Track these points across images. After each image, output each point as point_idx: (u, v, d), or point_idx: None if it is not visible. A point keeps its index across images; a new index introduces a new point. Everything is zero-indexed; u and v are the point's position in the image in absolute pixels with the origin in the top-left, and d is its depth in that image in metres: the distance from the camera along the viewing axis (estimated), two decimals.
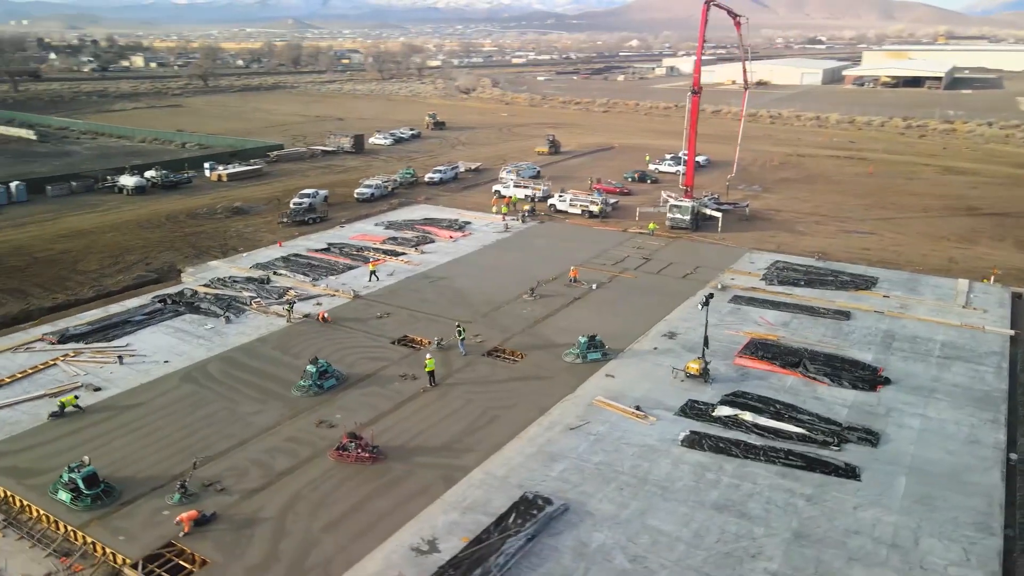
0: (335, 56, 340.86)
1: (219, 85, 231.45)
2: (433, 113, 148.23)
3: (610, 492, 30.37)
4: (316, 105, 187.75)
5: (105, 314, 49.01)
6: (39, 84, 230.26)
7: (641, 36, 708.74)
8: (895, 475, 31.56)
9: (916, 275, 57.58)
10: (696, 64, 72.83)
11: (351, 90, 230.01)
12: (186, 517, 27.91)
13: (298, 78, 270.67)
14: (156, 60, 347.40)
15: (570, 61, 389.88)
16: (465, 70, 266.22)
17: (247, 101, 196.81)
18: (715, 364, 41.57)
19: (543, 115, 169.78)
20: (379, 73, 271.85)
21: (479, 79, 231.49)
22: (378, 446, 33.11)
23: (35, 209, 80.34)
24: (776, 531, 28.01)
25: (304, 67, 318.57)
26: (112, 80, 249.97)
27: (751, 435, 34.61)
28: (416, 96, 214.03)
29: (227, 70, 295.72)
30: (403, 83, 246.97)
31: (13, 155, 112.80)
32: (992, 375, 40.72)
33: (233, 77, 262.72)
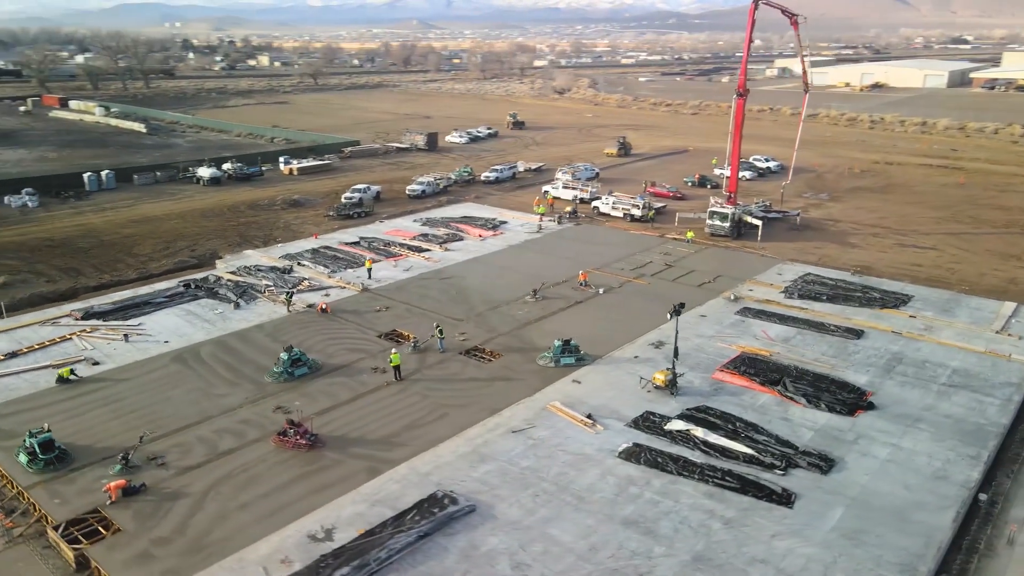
0: (444, 56, 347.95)
1: (328, 83, 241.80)
2: (514, 113, 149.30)
3: (524, 498, 30.10)
4: (411, 103, 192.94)
5: (132, 294, 52.62)
6: (170, 81, 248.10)
7: (765, 36, 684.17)
8: (833, 506, 29.64)
9: (959, 295, 53.33)
10: (742, 65, 70.14)
11: (449, 89, 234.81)
12: (113, 486, 29.89)
13: (403, 77, 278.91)
14: (280, 59, 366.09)
15: (681, 62, 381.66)
16: (567, 70, 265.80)
17: (348, 99, 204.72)
18: (691, 377, 40.30)
19: (629, 116, 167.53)
20: (481, 73, 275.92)
21: (576, 80, 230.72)
22: (316, 434, 34.17)
23: (119, 196, 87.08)
24: (676, 552, 26.97)
25: (414, 67, 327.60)
26: (235, 78, 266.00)
27: (696, 452, 33.33)
28: (510, 96, 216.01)
29: (341, 69, 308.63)
30: (503, 83, 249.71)
31: (121, 146, 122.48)
32: (996, 408, 37.31)
33: (344, 76, 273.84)
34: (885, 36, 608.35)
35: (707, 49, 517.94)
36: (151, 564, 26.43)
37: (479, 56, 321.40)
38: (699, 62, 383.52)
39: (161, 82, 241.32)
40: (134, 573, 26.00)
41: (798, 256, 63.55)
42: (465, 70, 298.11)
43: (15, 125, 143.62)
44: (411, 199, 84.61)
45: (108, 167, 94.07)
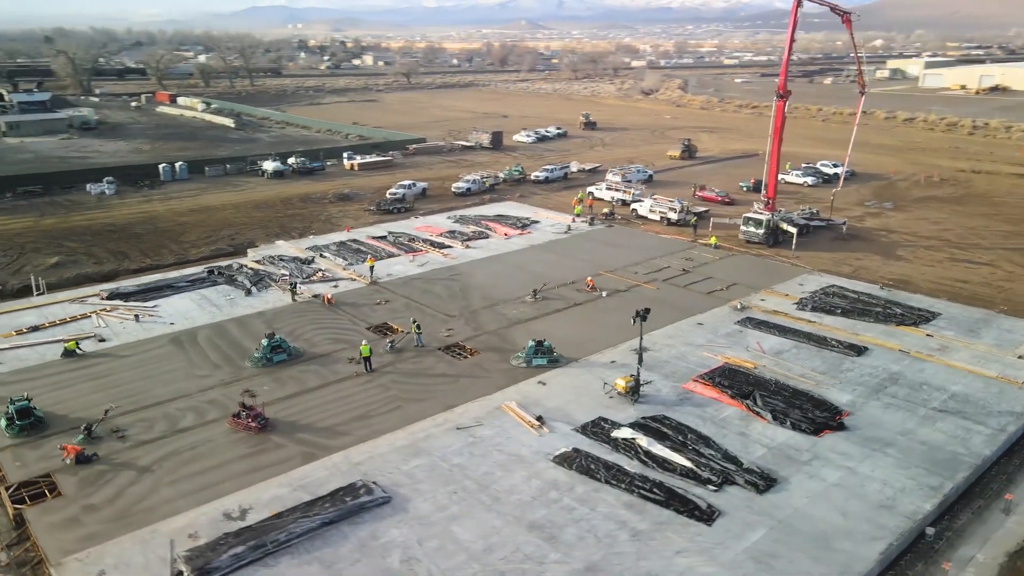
0: (542, 57, 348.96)
1: (420, 83, 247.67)
2: (586, 113, 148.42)
3: (441, 494, 30.28)
4: (493, 103, 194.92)
5: (160, 278, 55.96)
6: (275, 80, 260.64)
7: (889, 35, 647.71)
8: (755, 527, 28.29)
9: (993, 315, 49.43)
10: (783, 65, 67.12)
11: (537, 89, 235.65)
12: (70, 447, 32.16)
13: (496, 77, 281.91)
14: (383, 59, 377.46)
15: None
16: (659, 71, 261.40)
17: (435, 97, 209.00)
18: (661, 385, 39.32)
19: (709, 118, 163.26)
20: (573, 73, 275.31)
21: (665, 81, 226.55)
22: (267, 418, 35.47)
23: (188, 186, 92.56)
24: (571, 560, 26.51)
25: (510, 67, 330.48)
26: (337, 77, 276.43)
27: (635, 461, 32.52)
28: (595, 96, 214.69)
29: (439, 69, 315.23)
30: (593, 83, 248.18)
31: (209, 139, 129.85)
32: (982, 437, 34.48)
33: (438, 75, 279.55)
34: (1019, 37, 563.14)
35: (821, 49, 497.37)
36: (75, 528, 28.26)
37: (572, 56, 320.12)
38: (807, 63, 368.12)
39: (267, 80, 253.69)
40: (56, 535, 27.86)
41: (832, 267, 60.45)
42: (558, 70, 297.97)
43: (123, 119, 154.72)
44: (456, 196, 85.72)
45: (193, 159, 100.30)
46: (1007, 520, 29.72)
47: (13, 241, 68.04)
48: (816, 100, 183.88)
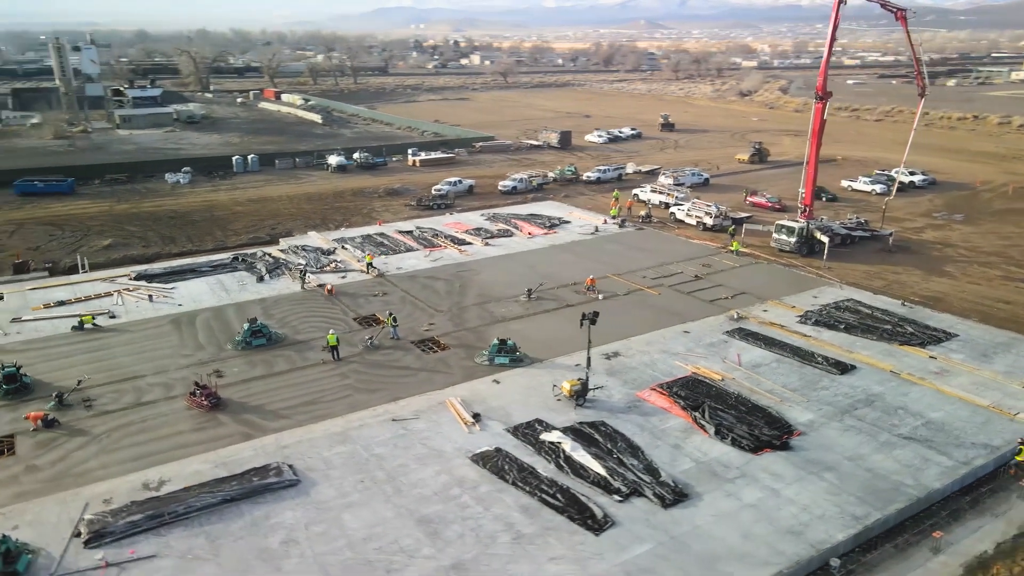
0: (646, 57, 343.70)
1: (517, 82, 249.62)
2: (665, 114, 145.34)
3: (349, 481, 31.02)
4: (582, 103, 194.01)
5: (189, 262, 59.57)
6: (380, 78, 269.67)
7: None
8: (644, 540, 27.46)
9: (1019, 339, 45.27)
10: (823, 65, 63.49)
11: (632, 89, 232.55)
12: (33, 415, 35.10)
13: (596, 77, 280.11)
14: (491, 59, 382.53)
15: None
16: (763, 72, 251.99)
17: (526, 97, 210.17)
18: (616, 391, 38.63)
19: (800, 121, 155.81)
20: (674, 73, 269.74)
21: (766, 82, 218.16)
22: (220, 398, 37.33)
23: (256, 178, 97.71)
24: (441, 557, 26.65)
25: (614, 66, 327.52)
26: (439, 76, 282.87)
27: (552, 465, 32.15)
28: (688, 97, 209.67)
29: (542, 68, 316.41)
30: (693, 84, 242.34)
31: (295, 133, 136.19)
32: (940, 470, 31.87)
33: (537, 75, 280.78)
34: None
35: (959, 48, 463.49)
36: (11, 486, 30.81)
37: (678, 57, 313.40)
38: (937, 63, 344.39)
39: (371, 79, 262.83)
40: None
41: (862, 280, 56.97)
42: (660, 71, 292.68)
43: (225, 114, 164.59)
44: (503, 194, 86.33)
45: (267, 152, 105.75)
46: (933, 559, 27.41)
47: (84, 223, 74.07)
48: (934, 103, 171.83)
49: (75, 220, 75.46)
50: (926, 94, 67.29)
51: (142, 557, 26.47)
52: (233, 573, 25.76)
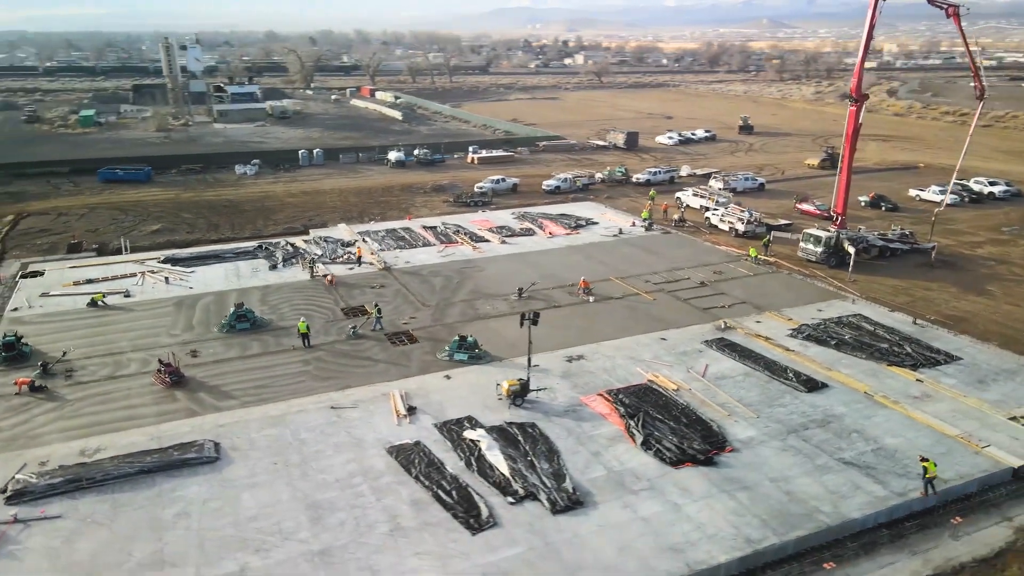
0: (753, 57, 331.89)
1: (612, 82, 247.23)
2: (745, 116, 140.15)
3: (263, 463, 32.17)
4: (670, 104, 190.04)
5: (216, 249, 62.95)
6: (477, 77, 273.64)
7: None
8: (517, 544, 27.21)
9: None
10: (858, 65, 59.73)
11: (728, 91, 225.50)
12: (20, 381, 38.36)
13: (696, 78, 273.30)
14: (594, 58, 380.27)
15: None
16: (877, 74, 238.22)
17: (614, 97, 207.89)
18: (562, 394, 38.27)
19: (895, 125, 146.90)
20: (778, 74, 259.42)
21: (874, 83, 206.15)
22: (181, 376, 39.49)
23: (317, 171, 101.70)
24: (313, 542, 27.31)
25: (720, 67, 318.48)
26: (537, 75, 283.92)
27: (462, 463, 32.25)
28: (785, 99, 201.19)
29: (644, 68, 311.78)
30: (795, 86, 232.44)
31: (373, 129, 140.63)
32: (868, 500, 29.79)
33: (637, 75, 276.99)
34: None
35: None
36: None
37: (786, 57, 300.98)
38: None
39: (468, 77, 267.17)
40: None
41: (886, 295, 53.47)
42: (764, 71, 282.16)
43: (317, 110, 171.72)
44: (546, 194, 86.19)
45: (334, 147, 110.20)
46: None
47: (147, 209, 79.50)
48: None
49: (140, 206, 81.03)
50: (986, 96, 62.03)
51: (49, 517, 28.51)
52: (120, 539, 27.33)
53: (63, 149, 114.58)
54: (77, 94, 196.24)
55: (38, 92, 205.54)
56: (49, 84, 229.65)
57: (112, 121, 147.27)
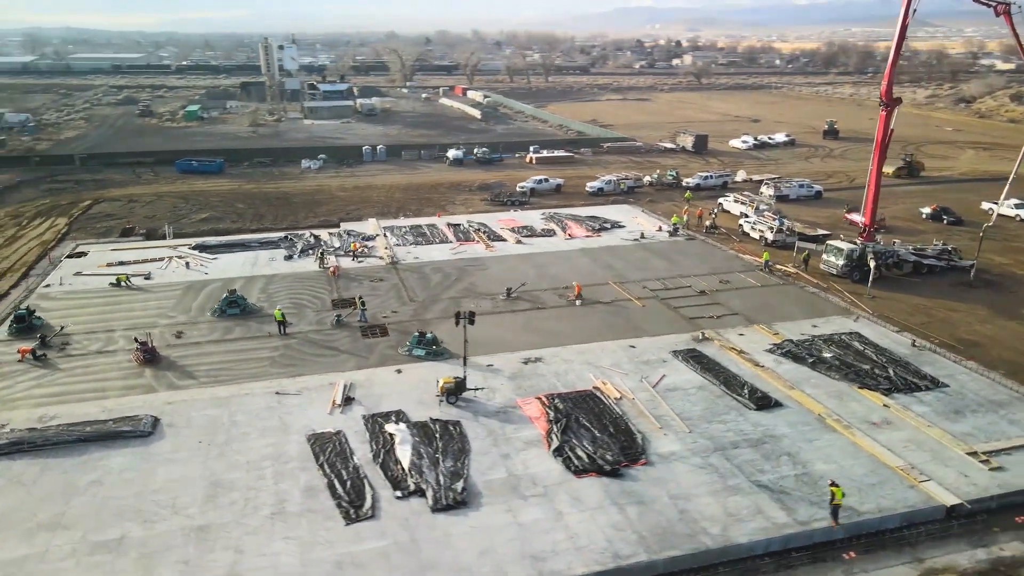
0: (870, 58, 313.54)
1: (713, 83, 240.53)
2: (831, 120, 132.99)
3: (190, 440, 33.90)
4: (764, 107, 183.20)
5: (244, 237, 66.33)
6: (575, 77, 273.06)
7: None
8: (384, 537, 27.61)
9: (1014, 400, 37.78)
10: (889, 67, 55.73)
11: (833, 93, 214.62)
12: (23, 349, 42.17)
13: (802, 79, 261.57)
14: (703, 59, 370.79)
15: None
16: (1003, 77, 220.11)
17: (707, 99, 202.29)
18: (501, 395, 38.33)
19: (1004, 133, 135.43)
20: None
21: (1003, 88, 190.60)
22: (154, 355, 42.10)
23: (378, 167, 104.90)
24: (198, 518, 28.62)
25: (834, 68, 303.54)
26: (639, 76, 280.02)
27: (371, 454, 32.94)
28: None
29: (749, 69, 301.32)
30: (912, 89, 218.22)
31: (450, 127, 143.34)
32: (764, 526, 28.26)
33: (741, 76, 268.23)
34: None
35: None
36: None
37: (907, 57, 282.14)
38: None
39: (566, 77, 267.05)
40: None
41: (904, 314, 50.11)
42: (880, 73, 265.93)
43: (404, 108, 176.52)
44: (589, 195, 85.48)
45: (399, 144, 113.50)
46: None
47: (207, 198, 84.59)
48: None
49: (203, 195, 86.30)
50: None
51: None
52: (33, 500, 29.64)
53: (160, 141, 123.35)
54: (195, 90, 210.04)
55: (163, 88, 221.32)
56: (176, 81, 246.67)
57: (215, 116, 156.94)
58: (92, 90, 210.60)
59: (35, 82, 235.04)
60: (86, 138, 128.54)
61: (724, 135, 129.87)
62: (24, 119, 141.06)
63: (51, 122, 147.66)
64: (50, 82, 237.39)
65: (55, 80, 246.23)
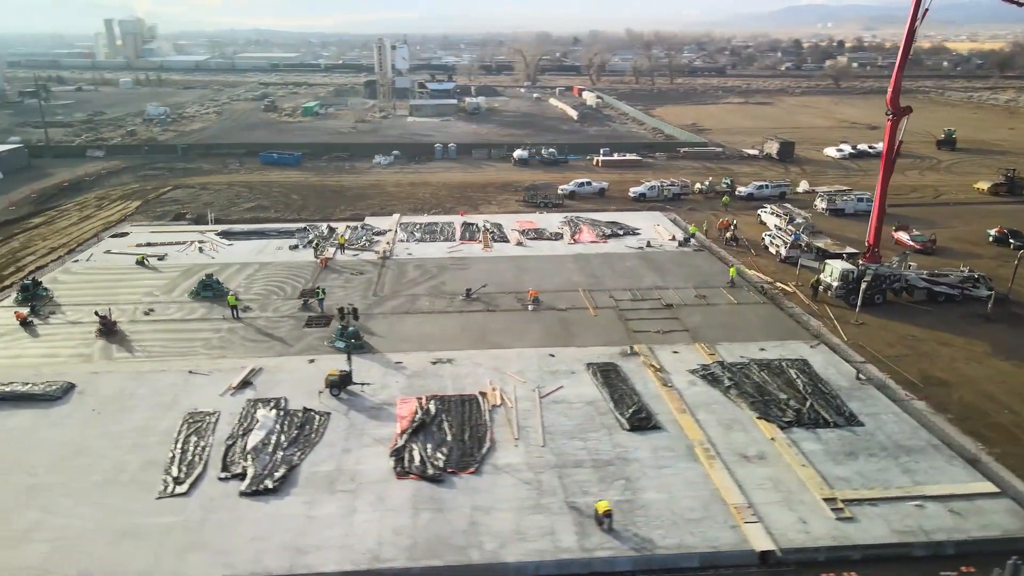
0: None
1: (852, 87, 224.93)
2: (949, 129, 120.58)
3: (88, 409, 36.96)
4: None
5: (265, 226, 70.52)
6: (706, 79, 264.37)
7: None
8: (178, 513, 29.24)
9: (940, 451, 33.67)
10: (895, 73, 50.24)
11: (985, 99, 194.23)
12: (18, 313, 47.72)
13: (963, 84, 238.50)
14: (860, 60, 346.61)
15: None
16: None
17: (832, 104, 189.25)
18: (386, 391, 39.10)
19: None
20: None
21: None
22: (111, 329, 46.05)
23: (445, 164, 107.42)
24: (42, 475, 31.50)
25: (1011, 71, 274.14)
26: (776, 78, 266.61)
27: (227, 436, 34.69)
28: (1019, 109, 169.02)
29: (914, 72, 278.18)
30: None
31: (543, 127, 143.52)
32: (551, 549, 27.29)
33: (885, 79, 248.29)
34: None
35: None
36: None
37: None
38: None
39: (695, 79, 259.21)
40: None
41: (889, 345, 45.81)
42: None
43: (511, 108, 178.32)
44: (632, 200, 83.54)
45: (474, 143, 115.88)
46: None
47: (268, 189, 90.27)
48: None
49: (267, 186, 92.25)
50: None
51: None
52: None
53: (265, 134, 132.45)
54: (330, 87, 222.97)
55: (304, 86, 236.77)
56: (321, 79, 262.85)
57: (329, 112, 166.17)
58: (241, 87, 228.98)
59: (200, 79, 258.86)
60: (206, 130, 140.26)
61: (829, 142, 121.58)
62: (163, 112, 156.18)
63: (189, 115, 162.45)
64: (212, 79, 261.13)
65: (217, 77, 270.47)
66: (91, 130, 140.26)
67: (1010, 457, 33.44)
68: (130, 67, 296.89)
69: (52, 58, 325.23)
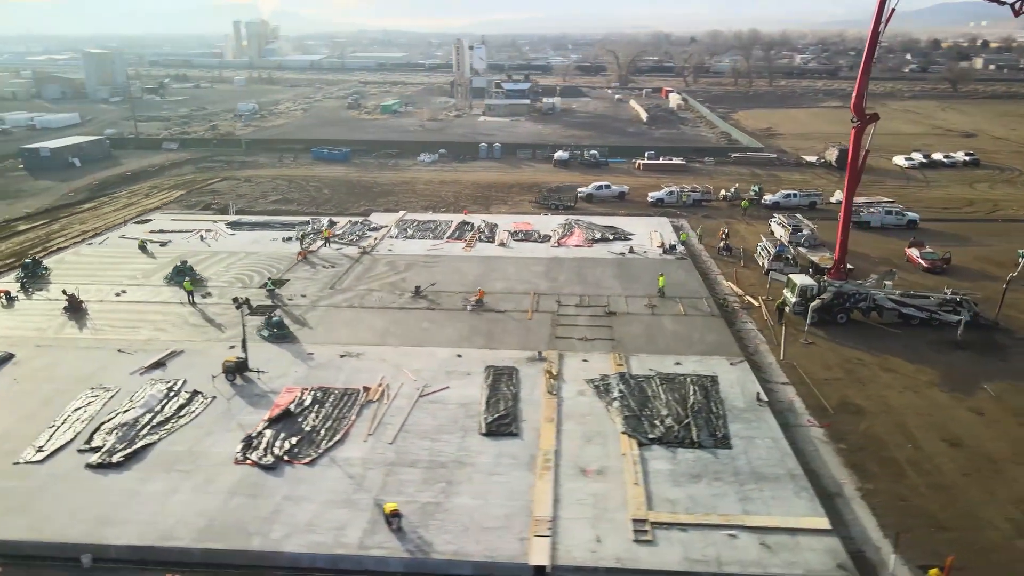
0: None
1: (972, 91, 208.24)
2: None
3: (8, 379, 40.35)
4: (1002, 119, 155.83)
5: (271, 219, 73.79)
6: (809, 80, 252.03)
7: None
8: (51, 485, 31.69)
9: (801, 485, 31.51)
10: (860, 76, 46.36)
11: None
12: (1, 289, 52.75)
13: None
14: (997, 62, 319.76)
15: None
16: None
17: (938, 110, 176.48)
18: (279, 380, 40.38)
19: None
20: None
21: None
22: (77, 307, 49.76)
23: (485, 163, 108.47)
24: None
25: None
26: (888, 81, 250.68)
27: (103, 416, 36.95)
28: None
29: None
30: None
31: (609, 129, 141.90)
32: (332, 544, 27.76)
33: (1019, 84, 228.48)
34: None
35: None
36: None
37: None
38: None
39: (799, 81, 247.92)
40: None
41: (826, 367, 43.07)
42: None
43: (587, 108, 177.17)
44: (649, 205, 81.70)
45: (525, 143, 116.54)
46: None
47: (306, 183, 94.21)
48: None
49: (306, 180, 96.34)
50: None
51: None
52: None
53: (335, 131, 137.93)
54: (421, 87, 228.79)
55: (400, 84, 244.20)
56: (420, 78, 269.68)
57: (408, 111, 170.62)
58: (341, 85, 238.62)
59: (310, 77, 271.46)
60: (286, 126, 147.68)
61: (905, 150, 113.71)
62: (251, 109, 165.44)
63: (277, 112, 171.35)
64: (319, 77, 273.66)
65: (326, 76, 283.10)
66: (184, 124, 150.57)
67: (882, 495, 30.75)
68: (252, 66, 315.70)
69: (184, 58, 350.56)
